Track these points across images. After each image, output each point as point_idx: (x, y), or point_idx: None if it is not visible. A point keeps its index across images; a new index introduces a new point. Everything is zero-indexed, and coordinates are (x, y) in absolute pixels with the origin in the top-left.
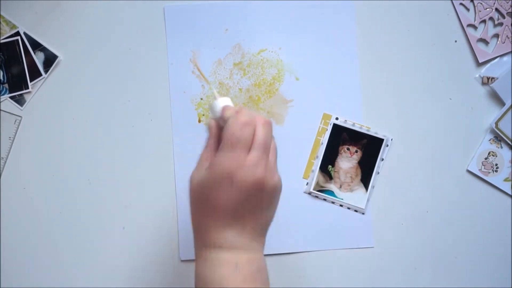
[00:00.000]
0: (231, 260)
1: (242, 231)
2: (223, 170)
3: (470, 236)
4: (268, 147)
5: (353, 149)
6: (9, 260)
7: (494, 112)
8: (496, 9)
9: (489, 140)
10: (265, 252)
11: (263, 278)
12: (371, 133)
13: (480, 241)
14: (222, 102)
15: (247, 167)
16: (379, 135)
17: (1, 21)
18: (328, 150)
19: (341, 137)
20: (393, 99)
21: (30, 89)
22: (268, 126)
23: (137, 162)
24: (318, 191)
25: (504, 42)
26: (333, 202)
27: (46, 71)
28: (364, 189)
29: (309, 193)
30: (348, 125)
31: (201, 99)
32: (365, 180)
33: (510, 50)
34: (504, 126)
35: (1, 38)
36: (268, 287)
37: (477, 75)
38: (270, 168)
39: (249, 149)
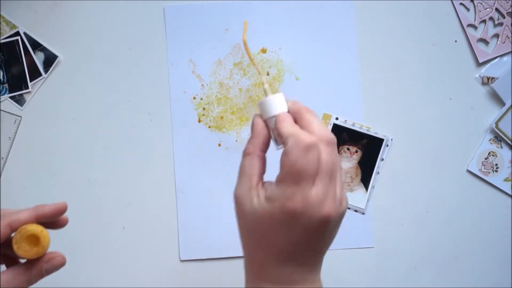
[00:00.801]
0: None
1: (301, 266)
2: (285, 209)
3: (470, 236)
4: (335, 172)
5: (353, 149)
6: None
7: (494, 112)
8: (496, 9)
9: (489, 140)
10: None
11: None
12: (371, 133)
13: (480, 241)
14: (275, 101)
15: (313, 204)
16: (379, 135)
17: (1, 21)
18: None
19: (341, 137)
20: (393, 99)
21: (30, 89)
22: (334, 145)
23: (137, 162)
24: None
25: (504, 42)
26: None
27: (46, 71)
28: (364, 189)
29: None
30: (348, 125)
31: (201, 99)
32: (365, 180)
33: (510, 50)
34: (504, 126)
35: (1, 38)
36: None
37: (477, 75)
38: (338, 196)
39: (314, 178)
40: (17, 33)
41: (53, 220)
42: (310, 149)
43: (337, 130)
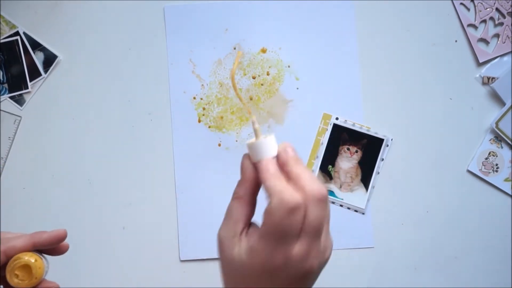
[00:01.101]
0: None
1: None
2: (266, 266)
3: (470, 236)
4: (321, 230)
5: (353, 149)
6: None
7: (495, 112)
8: (497, 9)
9: (489, 140)
10: None
11: None
12: (371, 133)
13: (480, 241)
14: (265, 146)
15: (295, 262)
16: (379, 135)
17: (1, 21)
18: (328, 150)
19: (341, 137)
20: (393, 99)
21: (29, 89)
22: (323, 203)
23: (137, 162)
24: None
25: (504, 42)
26: (333, 202)
27: (45, 71)
28: (364, 189)
29: None
30: (348, 125)
31: (201, 99)
32: (365, 180)
33: (510, 50)
34: (504, 126)
35: (1, 38)
36: None
37: (477, 75)
38: (322, 247)
39: (298, 236)
40: (17, 33)
41: (52, 247)
42: (295, 211)
43: (337, 130)
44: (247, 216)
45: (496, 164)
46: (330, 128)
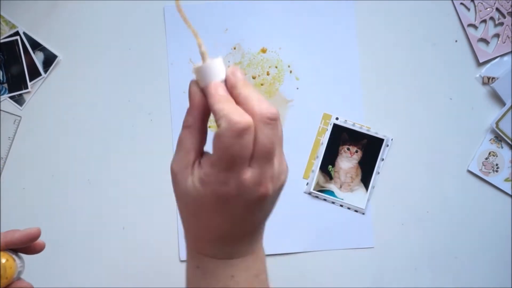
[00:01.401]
0: (226, 273)
1: (239, 241)
2: (218, 194)
3: (470, 236)
4: (274, 151)
5: (353, 149)
6: None
7: (495, 112)
8: (497, 9)
9: (490, 140)
10: (265, 253)
11: (261, 281)
12: (371, 133)
13: (480, 241)
14: (214, 68)
15: (248, 188)
16: (379, 135)
17: (1, 21)
18: (328, 150)
19: (341, 137)
20: (393, 99)
21: (29, 89)
22: (274, 124)
23: (137, 162)
24: (318, 191)
25: (504, 42)
26: (333, 202)
27: (45, 71)
28: (364, 189)
29: (309, 193)
30: (348, 125)
31: None
32: (365, 180)
33: (510, 50)
34: (505, 126)
35: (1, 38)
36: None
37: (477, 75)
38: (276, 172)
39: (250, 161)
40: (17, 33)
41: (25, 246)
42: (244, 133)
43: (337, 130)
44: (199, 145)
45: (496, 164)
46: (330, 128)
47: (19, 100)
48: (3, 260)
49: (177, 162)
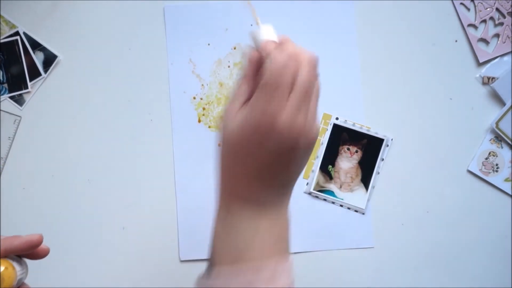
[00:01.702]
0: (252, 224)
1: (268, 187)
2: (259, 123)
3: (470, 236)
4: (310, 92)
5: (353, 149)
6: None
7: (495, 112)
8: (497, 9)
9: (490, 140)
10: None
11: (282, 248)
12: (371, 133)
13: (480, 241)
14: (264, 32)
15: (286, 112)
16: (379, 135)
17: (1, 21)
18: (328, 150)
19: (341, 137)
20: (393, 99)
21: (29, 89)
22: (314, 64)
23: (137, 162)
24: (318, 191)
25: (504, 42)
26: (333, 202)
27: (45, 71)
28: (364, 189)
29: (309, 193)
30: (348, 125)
31: (201, 99)
32: (365, 180)
33: (510, 50)
34: (505, 126)
35: (1, 38)
36: (288, 254)
37: (477, 75)
38: (310, 116)
39: (289, 92)
40: (17, 33)
41: (27, 253)
42: (288, 65)
43: (337, 130)
44: (250, 91)
45: (496, 164)
46: (330, 128)
47: (19, 100)
48: (2, 268)
49: (230, 104)
